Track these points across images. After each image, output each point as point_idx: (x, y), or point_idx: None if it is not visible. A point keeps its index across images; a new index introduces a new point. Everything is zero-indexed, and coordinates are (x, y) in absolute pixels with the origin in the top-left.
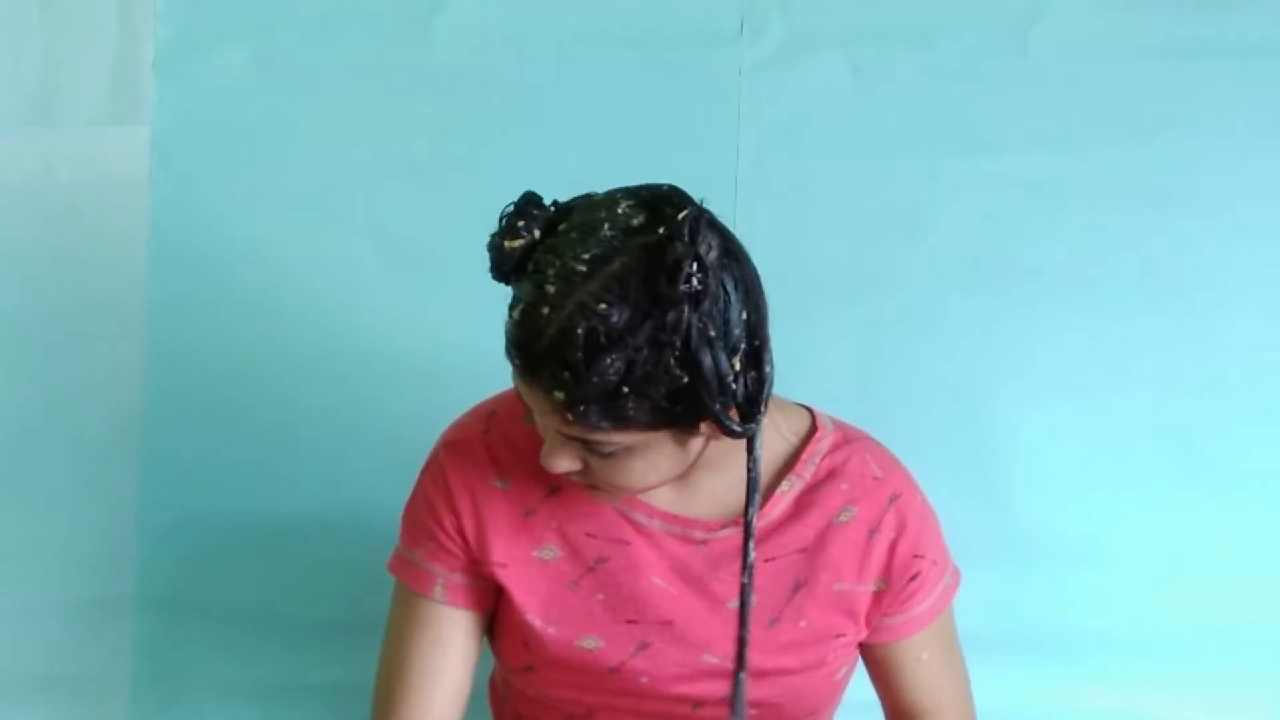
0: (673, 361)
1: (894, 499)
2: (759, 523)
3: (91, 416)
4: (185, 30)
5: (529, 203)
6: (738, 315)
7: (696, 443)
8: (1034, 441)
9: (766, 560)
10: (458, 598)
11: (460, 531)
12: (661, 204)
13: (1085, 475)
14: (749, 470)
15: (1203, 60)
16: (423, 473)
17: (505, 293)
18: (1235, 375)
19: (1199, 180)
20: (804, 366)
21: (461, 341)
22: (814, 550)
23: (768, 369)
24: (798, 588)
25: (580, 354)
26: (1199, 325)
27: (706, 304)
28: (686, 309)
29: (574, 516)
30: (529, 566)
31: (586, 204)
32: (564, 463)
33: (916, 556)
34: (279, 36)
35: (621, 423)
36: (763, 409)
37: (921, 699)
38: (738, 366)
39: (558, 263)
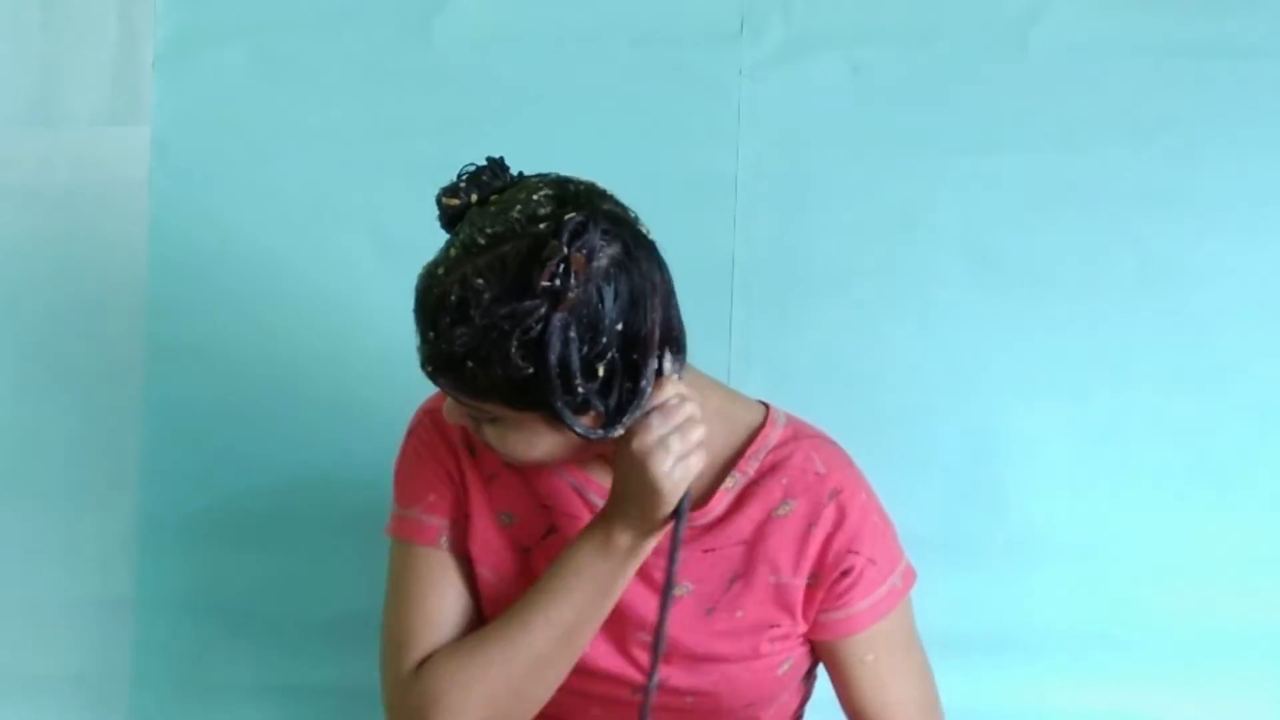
0: (514, 348)
1: (834, 494)
2: (700, 520)
3: (91, 416)
4: (185, 30)
5: (485, 169)
6: (611, 324)
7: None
8: (1033, 441)
9: (706, 551)
10: (462, 548)
11: (452, 481)
12: (568, 200)
13: (1084, 474)
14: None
15: (1203, 60)
16: (409, 436)
17: None
18: (1234, 374)
19: (1199, 180)
20: (802, 365)
21: None
22: (752, 543)
23: (644, 384)
24: (735, 578)
25: (447, 319)
26: (1198, 325)
27: (573, 305)
28: (545, 305)
29: (530, 487)
30: (490, 527)
31: (522, 184)
32: (455, 414)
33: (850, 552)
34: (279, 36)
35: (476, 394)
36: (625, 421)
37: (869, 703)
38: (601, 373)
39: (468, 231)
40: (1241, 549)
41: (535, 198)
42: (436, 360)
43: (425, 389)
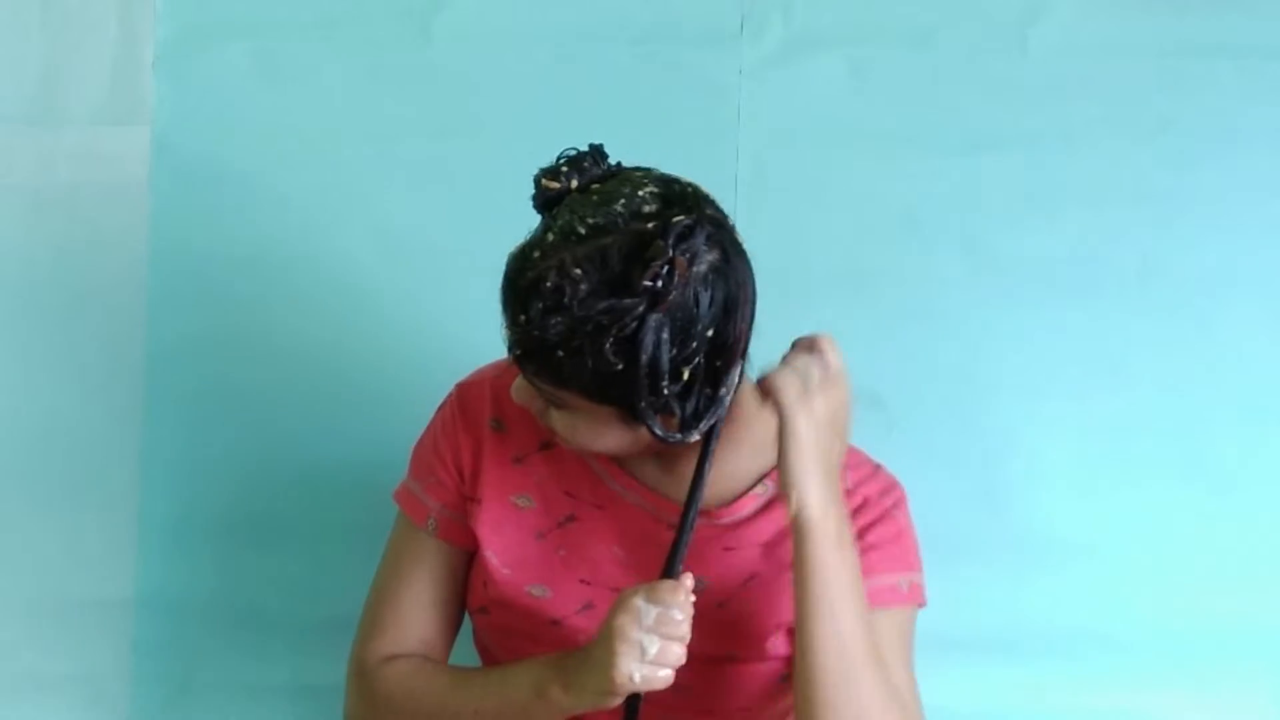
0: (609, 344)
1: (863, 505)
2: (725, 519)
3: (91, 416)
4: (185, 30)
5: (586, 155)
6: (703, 330)
7: (646, 433)
8: (1033, 441)
9: (725, 549)
10: (448, 532)
11: (458, 466)
12: (675, 201)
13: (1084, 474)
14: (698, 467)
15: (1203, 60)
16: (437, 411)
17: None
18: (1234, 374)
19: (1199, 180)
20: None
21: (463, 340)
22: (774, 545)
23: (723, 392)
24: (752, 578)
25: (540, 305)
26: (1198, 324)
27: (670, 307)
28: (644, 304)
29: (558, 473)
30: (503, 509)
31: (625, 176)
32: (523, 395)
33: (859, 538)
34: (279, 36)
35: (558, 382)
36: (701, 427)
37: None
38: (686, 376)
39: (567, 217)
40: (1241, 549)
41: (640, 194)
42: (526, 344)
43: (426, 389)
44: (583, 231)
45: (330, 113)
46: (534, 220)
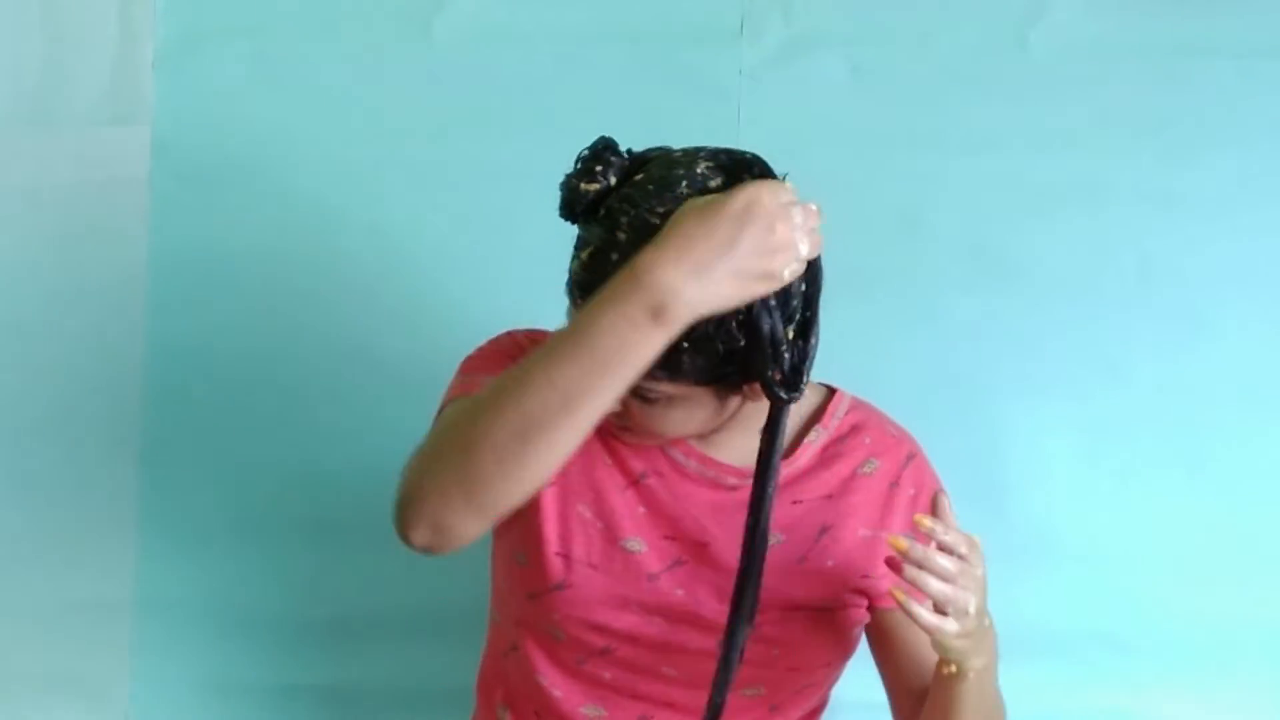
0: (735, 325)
1: (911, 457)
2: (786, 469)
3: (91, 416)
4: (185, 30)
5: (606, 148)
6: (798, 286)
7: (734, 401)
8: (1033, 440)
9: (794, 503)
10: None
11: None
12: (741, 171)
13: (1084, 474)
14: (771, 431)
15: (1203, 60)
16: (491, 340)
17: (505, 290)
18: (1234, 374)
19: (1199, 180)
20: None
21: (462, 341)
22: (838, 496)
23: (813, 340)
24: (824, 530)
25: None
26: (1198, 325)
27: None
28: None
29: (620, 442)
30: (582, 472)
31: (664, 158)
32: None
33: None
34: (279, 36)
35: (675, 374)
36: (806, 377)
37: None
38: (791, 335)
39: (632, 211)
40: (1241, 548)
41: (699, 171)
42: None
43: (425, 389)
44: (657, 222)
45: (330, 113)
46: (534, 216)
